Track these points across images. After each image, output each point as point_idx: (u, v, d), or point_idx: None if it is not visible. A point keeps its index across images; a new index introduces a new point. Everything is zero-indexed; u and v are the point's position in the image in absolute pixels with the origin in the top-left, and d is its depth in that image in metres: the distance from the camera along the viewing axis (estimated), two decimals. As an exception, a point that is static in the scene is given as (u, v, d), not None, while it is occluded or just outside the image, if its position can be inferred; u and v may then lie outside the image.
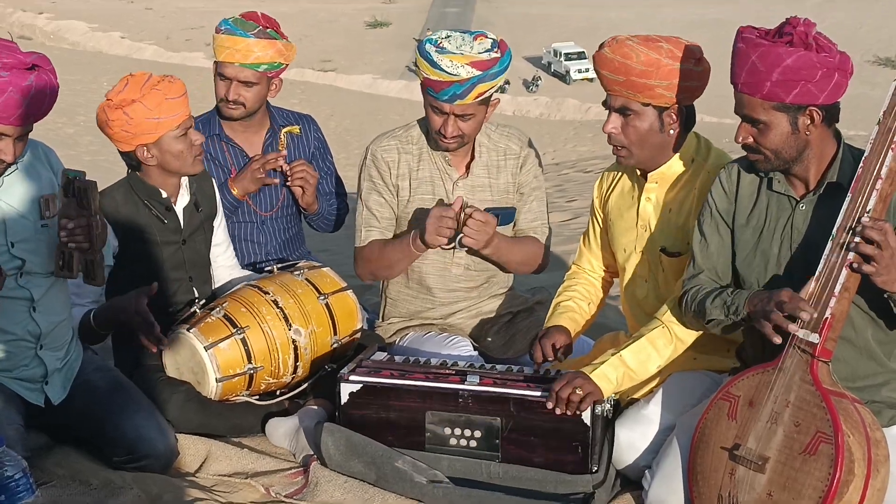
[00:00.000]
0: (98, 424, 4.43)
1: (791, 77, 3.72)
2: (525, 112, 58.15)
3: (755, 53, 3.77)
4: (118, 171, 4.93)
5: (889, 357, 4.00)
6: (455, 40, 4.82)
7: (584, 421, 4.21)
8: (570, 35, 70.44)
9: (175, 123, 4.78)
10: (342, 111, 50.95)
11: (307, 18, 79.39)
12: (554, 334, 4.65)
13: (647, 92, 4.29)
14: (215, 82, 5.67)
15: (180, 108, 4.78)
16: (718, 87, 4.57)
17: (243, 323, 4.70)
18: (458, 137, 4.92)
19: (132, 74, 4.83)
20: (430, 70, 4.78)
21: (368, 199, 5.14)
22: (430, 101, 4.88)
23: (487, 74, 4.77)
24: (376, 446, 4.38)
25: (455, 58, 4.74)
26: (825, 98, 3.77)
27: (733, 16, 68.90)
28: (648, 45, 4.28)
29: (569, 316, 4.79)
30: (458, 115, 4.86)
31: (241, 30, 5.55)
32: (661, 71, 4.24)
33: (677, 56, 4.25)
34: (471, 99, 4.79)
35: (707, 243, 4.17)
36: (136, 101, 4.68)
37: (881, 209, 3.62)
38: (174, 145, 4.81)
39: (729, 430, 3.79)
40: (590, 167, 18.52)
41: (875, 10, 73.76)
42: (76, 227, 4.10)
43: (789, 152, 3.86)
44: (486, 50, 4.80)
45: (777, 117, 3.81)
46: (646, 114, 4.36)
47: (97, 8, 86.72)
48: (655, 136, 4.40)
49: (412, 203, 5.10)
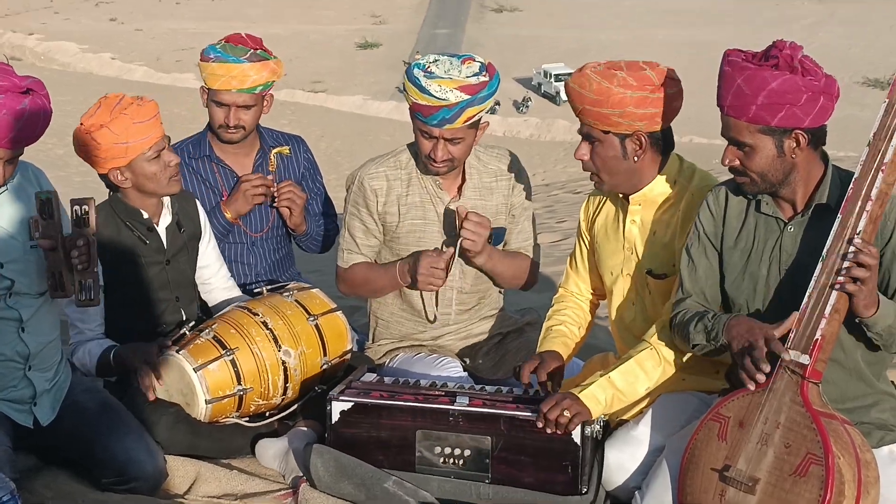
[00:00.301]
0: (87, 446, 4.42)
1: (776, 101, 3.73)
2: (515, 133, 58.25)
3: (741, 77, 3.78)
4: (106, 193, 4.93)
5: (878, 378, 4.01)
6: (443, 64, 4.82)
7: (574, 440, 4.20)
8: (561, 56, 70.61)
9: (145, 146, 4.75)
10: (333, 132, 51.04)
11: (298, 40, 79.51)
12: (547, 360, 4.65)
13: (604, 120, 4.31)
14: (210, 109, 5.65)
15: (150, 132, 4.76)
16: (708, 107, 4.58)
17: (233, 344, 4.69)
18: (448, 161, 4.91)
19: (106, 96, 4.82)
20: (418, 95, 4.77)
21: (352, 225, 5.14)
22: (419, 125, 4.87)
23: (476, 98, 4.77)
24: (366, 468, 4.37)
25: (443, 82, 4.74)
26: (811, 121, 3.77)
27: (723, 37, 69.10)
28: (604, 74, 4.29)
29: (561, 341, 4.79)
30: (448, 140, 4.85)
31: (232, 56, 5.53)
32: (612, 100, 4.25)
33: (630, 84, 4.24)
34: (460, 123, 4.79)
35: (695, 267, 4.18)
36: (104, 125, 4.66)
37: (871, 231, 3.63)
38: (147, 167, 4.79)
39: (719, 451, 3.79)
40: (579, 188, 18.54)
41: (865, 31, 74.05)
42: (82, 245, 4.10)
43: (775, 175, 3.87)
44: (475, 74, 4.80)
45: (763, 140, 3.82)
46: (608, 141, 4.37)
47: (87, 29, 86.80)
48: (621, 163, 4.41)
49: (402, 227, 5.09)
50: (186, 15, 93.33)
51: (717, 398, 4.12)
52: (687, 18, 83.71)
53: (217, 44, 5.65)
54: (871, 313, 3.65)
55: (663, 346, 4.27)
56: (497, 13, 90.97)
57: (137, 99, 4.77)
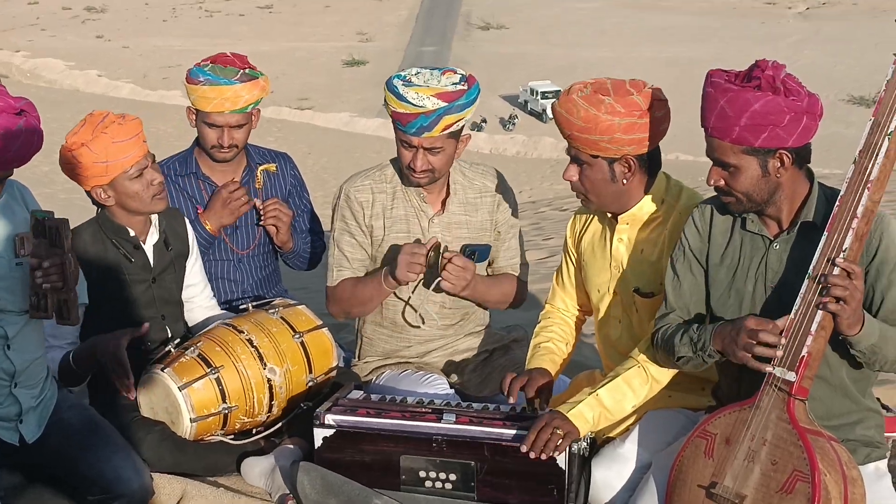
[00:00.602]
0: (72, 463, 4.40)
1: (759, 122, 3.73)
2: (502, 150, 58.34)
3: (723, 98, 3.79)
4: (93, 210, 4.92)
5: (863, 395, 4.01)
6: (423, 75, 4.86)
7: (558, 464, 4.19)
8: (547, 74, 70.72)
9: (127, 165, 4.74)
10: (319, 149, 51.04)
11: (285, 57, 79.58)
12: (535, 377, 4.64)
13: (592, 146, 4.32)
14: (202, 129, 5.63)
15: (130, 150, 4.74)
16: (694, 124, 4.59)
17: (218, 362, 4.68)
18: (429, 172, 4.93)
19: (91, 113, 4.81)
20: (396, 103, 4.80)
21: (341, 240, 5.14)
22: (399, 135, 4.90)
23: (454, 106, 4.78)
24: (352, 485, 4.36)
25: (421, 90, 4.76)
26: (794, 141, 3.78)
27: (709, 55, 69.41)
28: (590, 100, 4.28)
29: (549, 358, 4.79)
30: (427, 149, 4.87)
31: (223, 78, 5.52)
32: (600, 126, 4.25)
33: (618, 111, 4.25)
34: (438, 131, 4.80)
35: (680, 282, 4.18)
36: (85, 144, 4.66)
37: (857, 248, 3.64)
38: (129, 186, 4.79)
39: (706, 468, 3.79)
40: (566, 205, 18.55)
41: (849, 49, 74.28)
42: (50, 266, 4.07)
43: (760, 195, 3.88)
44: (454, 83, 4.82)
45: (747, 161, 3.82)
46: (597, 164, 4.38)
47: (74, 46, 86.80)
48: (609, 186, 4.42)
49: (386, 241, 5.10)
50: (173, 32, 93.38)
51: (703, 415, 4.13)
52: (673, 36, 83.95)
53: (204, 66, 5.61)
54: (854, 332, 3.65)
55: (650, 364, 4.27)
56: (484, 31, 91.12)
57: (120, 117, 4.76)
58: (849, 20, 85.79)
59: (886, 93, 3.60)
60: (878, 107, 3.61)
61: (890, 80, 3.59)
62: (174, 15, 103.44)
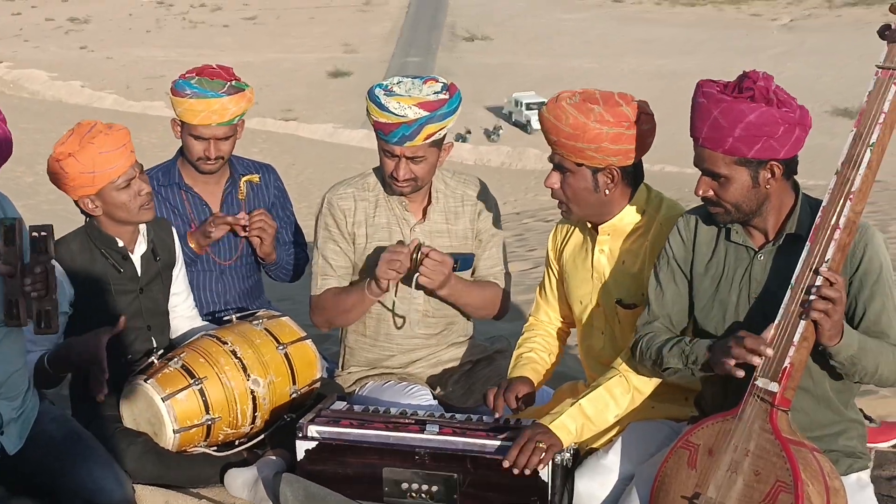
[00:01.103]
0: (54, 475, 4.39)
1: (754, 133, 3.74)
2: (486, 161, 58.39)
3: (717, 109, 3.78)
4: (77, 220, 4.91)
5: (846, 406, 4.02)
6: (405, 84, 4.87)
7: (541, 477, 4.18)
8: (532, 85, 70.91)
9: (114, 175, 4.73)
10: (303, 160, 50.97)
11: (270, 68, 79.63)
12: (517, 385, 4.64)
13: (578, 153, 4.32)
14: (188, 142, 5.61)
15: (117, 161, 4.73)
16: (679, 136, 4.60)
17: (201, 373, 4.67)
18: (411, 181, 4.94)
19: (80, 123, 4.80)
20: (378, 113, 4.81)
21: (325, 248, 5.14)
22: (382, 144, 4.91)
23: (435, 115, 4.79)
24: (335, 497, 4.35)
25: (402, 99, 4.78)
26: (786, 152, 3.79)
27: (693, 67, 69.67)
28: (580, 107, 4.29)
29: (531, 367, 4.79)
30: (409, 158, 4.88)
31: (211, 91, 5.50)
32: (588, 135, 4.26)
33: (607, 121, 4.26)
34: (420, 140, 4.81)
35: (663, 291, 4.19)
36: (72, 154, 4.64)
37: (839, 259, 3.65)
38: (116, 196, 4.78)
39: (689, 478, 3.78)
40: (550, 216, 18.56)
41: (833, 61, 74.60)
42: (38, 274, 4.05)
43: (749, 205, 3.88)
44: (435, 92, 4.84)
45: (738, 172, 3.82)
46: (580, 173, 4.38)
47: (57, 57, 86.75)
48: (591, 195, 4.42)
49: (369, 250, 5.10)
50: (157, 43, 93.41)
51: (686, 426, 4.13)
52: (657, 47, 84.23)
53: (190, 78, 5.59)
54: (834, 342, 3.66)
55: (632, 374, 4.27)
56: (468, 42, 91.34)
57: (107, 127, 4.75)
58: (832, 32, 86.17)
59: (868, 104, 3.61)
60: (860, 118, 3.63)
61: (872, 92, 3.61)
62: (158, 26, 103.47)
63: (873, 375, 3.79)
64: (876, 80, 3.61)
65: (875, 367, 3.77)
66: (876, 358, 3.75)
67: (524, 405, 4.60)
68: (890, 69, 3.60)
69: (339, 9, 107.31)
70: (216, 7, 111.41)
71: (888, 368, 3.80)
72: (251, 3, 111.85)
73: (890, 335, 3.82)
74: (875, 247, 3.82)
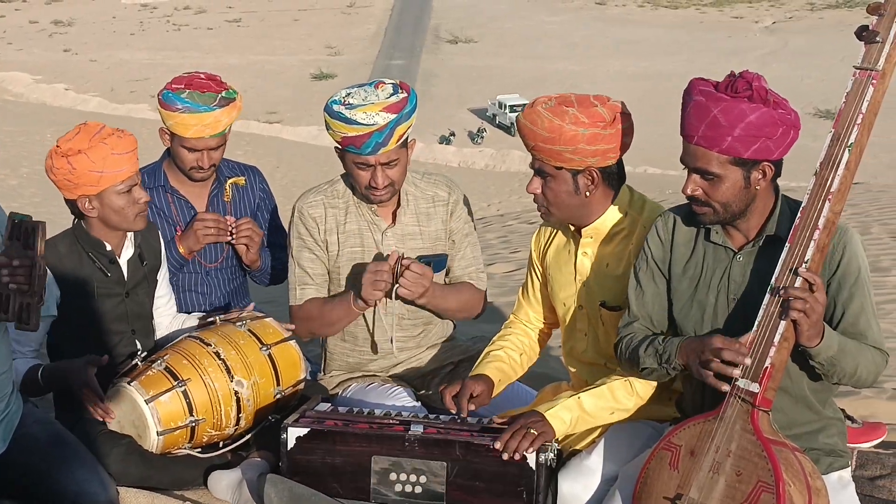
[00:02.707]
0: (38, 478, 4.38)
1: (753, 133, 3.75)
2: (470, 163, 58.36)
3: (717, 108, 3.78)
4: (61, 222, 4.91)
5: (824, 405, 4.04)
6: (358, 94, 4.85)
7: (529, 465, 4.20)
8: (516, 87, 70.82)
9: (119, 178, 4.77)
10: (288, 163, 50.92)
11: (253, 70, 79.47)
12: (470, 385, 4.63)
13: (556, 157, 4.34)
14: (180, 153, 5.60)
15: (125, 164, 4.77)
16: (662, 138, 4.64)
17: (185, 375, 4.68)
18: (389, 187, 4.93)
19: (86, 123, 4.82)
20: (345, 128, 4.79)
21: (300, 256, 5.13)
22: (353, 158, 4.88)
23: (402, 115, 4.80)
24: (320, 497, 4.36)
25: (367, 108, 4.76)
26: (779, 154, 3.82)
27: (677, 68, 69.72)
28: (554, 111, 4.31)
29: (495, 365, 4.79)
30: (384, 164, 4.87)
31: (203, 105, 5.47)
32: (564, 137, 4.27)
33: (582, 122, 4.27)
34: (393, 144, 4.81)
35: (642, 291, 4.21)
36: (82, 151, 4.67)
37: (818, 259, 3.67)
38: (116, 200, 4.80)
39: (671, 479, 3.80)
40: (534, 218, 18.56)
41: (816, 63, 74.69)
42: (19, 265, 4.02)
43: (738, 206, 3.89)
44: (391, 94, 4.84)
45: (732, 171, 3.83)
46: (560, 176, 4.40)
47: (41, 59, 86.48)
48: (572, 198, 4.44)
49: (342, 256, 5.10)
50: (141, 45, 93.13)
51: (668, 427, 4.14)
52: (641, 49, 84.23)
53: (180, 91, 5.53)
54: (814, 343, 3.68)
55: (637, 381, 4.29)
56: (452, 44, 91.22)
57: (118, 130, 4.79)
58: (815, 35, 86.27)
59: (846, 105, 3.64)
60: (839, 119, 3.66)
61: (850, 93, 3.63)
62: (142, 28, 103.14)
63: (852, 376, 3.81)
64: (854, 80, 3.64)
65: (854, 369, 3.79)
66: (855, 359, 3.78)
67: (475, 406, 4.60)
68: (868, 70, 3.62)
69: (322, 11, 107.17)
70: (200, 10, 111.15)
71: (866, 370, 3.82)
72: (235, 6, 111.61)
73: (868, 336, 3.85)
74: (854, 248, 3.85)
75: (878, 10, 3.63)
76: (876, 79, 3.61)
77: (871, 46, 3.63)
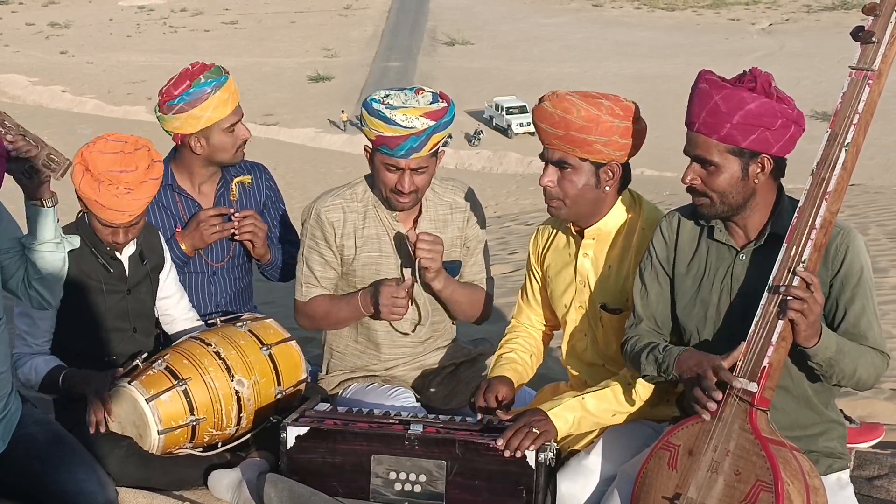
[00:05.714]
0: (37, 478, 4.39)
1: (752, 122, 3.77)
2: (467, 165, 58.34)
3: (718, 94, 3.81)
4: (63, 220, 4.91)
5: (826, 406, 4.05)
6: (398, 97, 4.83)
7: (528, 464, 4.22)
8: (512, 89, 70.82)
9: (121, 220, 4.79)
10: (285, 165, 50.90)
11: (250, 72, 79.41)
12: (496, 385, 4.63)
13: (586, 147, 4.31)
14: (222, 140, 5.59)
15: (131, 207, 4.76)
16: (659, 139, 4.65)
17: (185, 375, 4.68)
18: (414, 193, 4.90)
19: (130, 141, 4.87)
20: (384, 127, 4.75)
21: (310, 258, 5.12)
22: (383, 159, 4.85)
23: (441, 124, 4.79)
24: (319, 497, 4.36)
25: (408, 111, 4.74)
26: (779, 149, 3.83)
27: (674, 70, 69.77)
28: (589, 100, 4.30)
29: (512, 367, 4.79)
30: (414, 170, 4.85)
31: (215, 79, 5.46)
32: (601, 127, 4.27)
33: (618, 114, 4.29)
34: (426, 151, 4.80)
35: (647, 291, 4.21)
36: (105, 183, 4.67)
37: (816, 259, 3.68)
38: (104, 232, 4.85)
39: (670, 479, 3.80)
40: (531, 220, 18.58)
41: (813, 65, 74.74)
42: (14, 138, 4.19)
43: (735, 198, 3.90)
44: (432, 102, 4.83)
45: (730, 161, 3.85)
46: (583, 169, 4.38)
47: (38, 61, 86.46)
48: (591, 192, 4.42)
49: (358, 260, 5.07)
50: (138, 48, 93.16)
51: (667, 426, 4.15)
52: (638, 51, 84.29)
53: (194, 85, 5.45)
54: (811, 343, 3.68)
55: (639, 383, 4.30)
56: (449, 46, 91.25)
57: (146, 165, 4.83)
58: (811, 36, 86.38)
59: (842, 105, 3.65)
60: (835, 119, 3.67)
61: (846, 93, 3.65)
62: (138, 31, 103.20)
63: (851, 378, 3.82)
64: (850, 80, 3.66)
65: (853, 370, 3.79)
66: (854, 361, 3.78)
67: (506, 406, 4.61)
68: (864, 70, 3.64)
69: (319, 13, 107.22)
70: (197, 11, 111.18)
71: (866, 371, 3.82)
72: (232, 8, 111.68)
73: (869, 338, 3.85)
74: (856, 249, 3.86)
75: (874, 10, 3.65)
76: (872, 79, 3.63)
77: (866, 47, 3.65)
